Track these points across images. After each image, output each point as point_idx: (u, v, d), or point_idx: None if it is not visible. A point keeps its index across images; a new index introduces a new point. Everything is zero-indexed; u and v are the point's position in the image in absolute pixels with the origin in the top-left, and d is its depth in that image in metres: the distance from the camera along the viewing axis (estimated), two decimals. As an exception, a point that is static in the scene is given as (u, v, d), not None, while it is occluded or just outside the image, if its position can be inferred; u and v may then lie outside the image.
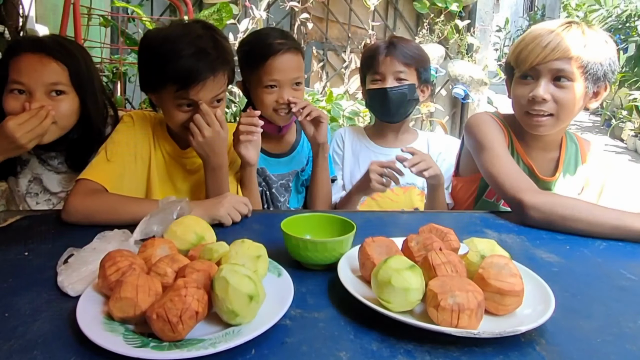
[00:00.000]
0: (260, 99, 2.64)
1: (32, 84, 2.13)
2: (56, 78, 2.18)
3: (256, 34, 2.75)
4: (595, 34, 2.27)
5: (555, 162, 2.51)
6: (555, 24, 2.29)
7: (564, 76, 2.22)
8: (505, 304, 1.22)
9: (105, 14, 5.26)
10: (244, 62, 2.74)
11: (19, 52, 2.17)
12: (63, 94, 2.20)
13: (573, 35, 2.22)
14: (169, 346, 1.08)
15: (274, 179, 2.78)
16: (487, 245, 1.44)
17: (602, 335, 1.20)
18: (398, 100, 2.94)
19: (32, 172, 2.44)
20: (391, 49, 2.93)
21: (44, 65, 2.16)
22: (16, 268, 1.52)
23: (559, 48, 2.19)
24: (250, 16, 7.12)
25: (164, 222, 1.64)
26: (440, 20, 7.57)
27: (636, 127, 10.28)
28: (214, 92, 2.19)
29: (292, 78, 2.62)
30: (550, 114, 2.28)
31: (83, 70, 2.27)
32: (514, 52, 2.37)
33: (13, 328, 1.17)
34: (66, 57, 2.22)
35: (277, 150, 2.86)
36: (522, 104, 2.34)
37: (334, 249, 1.51)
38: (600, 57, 2.23)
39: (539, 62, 2.23)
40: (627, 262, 1.67)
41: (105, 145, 2.24)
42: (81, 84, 2.26)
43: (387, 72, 2.92)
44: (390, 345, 1.13)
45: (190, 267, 1.26)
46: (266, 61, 2.56)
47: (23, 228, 1.88)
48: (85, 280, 1.36)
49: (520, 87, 2.35)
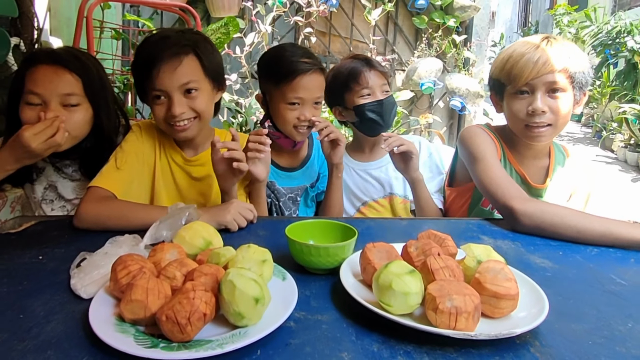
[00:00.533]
0: (282, 115, 2.61)
1: (47, 94, 2.14)
2: (70, 89, 2.19)
3: (281, 50, 2.71)
4: (573, 46, 2.35)
5: (546, 169, 2.53)
6: (536, 40, 2.34)
7: (558, 87, 2.26)
8: (501, 307, 1.22)
9: (116, 27, 5.26)
10: (267, 76, 2.69)
11: (35, 64, 2.18)
12: (77, 105, 2.21)
13: (557, 48, 2.28)
14: (178, 347, 1.08)
15: (282, 191, 2.76)
16: (484, 250, 1.44)
17: (593, 337, 1.20)
18: (391, 109, 3.00)
19: (47, 180, 2.44)
20: (370, 64, 2.98)
21: (58, 76, 2.17)
22: (31, 271, 1.52)
23: (549, 62, 2.24)
24: (256, 30, 7.13)
25: (173, 228, 1.64)
26: (438, 35, 7.59)
27: (626, 138, 10.29)
28: (178, 78, 2.17)
29: (315, 97, 2.60)
30: (549, 124, 2.31)
31: (96, 81, 2.28)
32: (503, 69, 2.40)
33: (28, 329, 1.17)
34: (80, 69, 2.23)
35: (289, 165, 2.84)
36: (521, 118, 2.35)
37: (337, 254, 1.51)
38: (582, 66, 2.30)
39: (534, 77, 2.26)
40: (618, 267, 1.67)
41: (115, 154, 2.25)
42: (94, 94, 2.27)
43: (375, 86, 2.94)
44: (390, 347, 1.13)
45: (198, 271, 1.26)
46: (294, 79, 2.53)
47: (37, 233, 1.88)
48: (97, 283, 1.37)
49: (517, 102, 2.36)
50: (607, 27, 11.82)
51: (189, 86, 2.19)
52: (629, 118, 9.76)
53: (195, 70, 2.21)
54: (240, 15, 7.43)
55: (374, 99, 2.94)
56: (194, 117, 2.23)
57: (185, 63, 2.18)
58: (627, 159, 9.96)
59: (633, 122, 9.74)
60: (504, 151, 2.53)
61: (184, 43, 2.19)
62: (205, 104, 2.26)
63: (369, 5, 7.42)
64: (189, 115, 2.21)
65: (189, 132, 2.24)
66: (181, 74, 2.16)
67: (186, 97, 2.20)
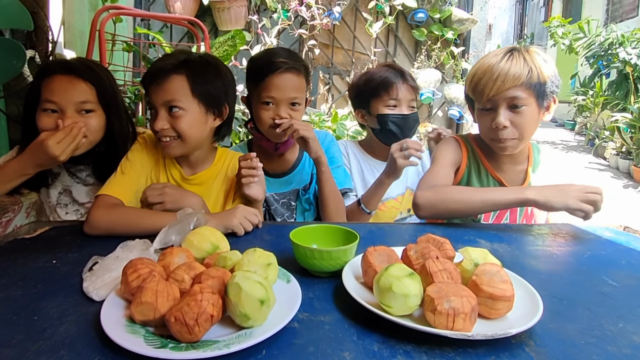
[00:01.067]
0: (258, 115, 2.60)
1: (63, 102, 2.18)
2: (85, 97, 2.23)
3: (265, 52, 2.70)
4: (536, 57, 2.33)
5: (524, 173, 2.54)
6: (500, 54, 2.34)
7: (518, 102, 2.26)
8: (497, 309, 1.22)
9: (128, 40, 5.26)
10: (248, 77, 2.71)
11: (51, 74, 2.21)
12: (91, 111, 2.25)
13: (517, 63, 2.27)
14: (186, 347, 1.08)
15: (272, 199, 2.76)
16: (480, 254, 1.44)
17: (586, 337, 1.20)
18: (412, 125, 3.03)
19: (62, 184, 2.47)
20: (403, 77, 2.98)
21: (73, 85, 2.21)
22: (45, 275, 1.52)
23: (507, 78, 2.24)
24: (262, 42, 7.16)
25: (181, 233, 1.64)
26: (437, 47, 7.63)
27: (617, 146, 10.29)
28: (163, 96, 2.17)
29: (288, 97, 2.55)
30: (513, 138, 2.32)
31: (108, 89, 2.31)
32: (470, 85, 2.42)
33: (42, 330, 1.17)
34: (93, 78, 2.26)
35: (277, 170, 2.82)
36: (488, 132, 2.39)
37: (339, 257, 1.51)
38: (544, 77, 2.28)
39: (494, 94, 2.27)
40: (609, 270, 1.67)
41: (121, 164, 2.26)
42: (107, 101, 2.31)
43: (403, 100, 2.96)
44: (390, 347, 1.13)
45: (205, 274, 1.26)
46: (265, 77, 2.53)
47: (51, 238, 1.89)
48: (108, 286, 1.37)
49: (482, 118, 2.40)
50: (600, 38, 11.80)
51: (172, 104, 2.17)
52: (621, 126, 9.77)
53: (181, 90, 2.19)
54: (246, 28, 7.46)
55: (399, 112, 2.97)
56: (176, 137, 2.21)
57: (173, 81, 2.18)
58: (619, 166, 9.96)
59: (625, 130, 9.75)
60: (476, 159, 2.56)
61: (177, 62, 2.20)
62: (189, 125, 2.21)
63: (370, 19, 7.48)
64: (170, 133, 2.20)
65: (171, 150, 2.23)
66: (166, 91, 2.17)
67: (170, 114, 2.18)
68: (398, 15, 7.65)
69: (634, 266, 1.73)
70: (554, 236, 2.10)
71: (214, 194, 2.43)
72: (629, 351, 1.14)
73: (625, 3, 14.66)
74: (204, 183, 2.40)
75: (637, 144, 9.15)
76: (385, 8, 7.40)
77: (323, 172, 2.60)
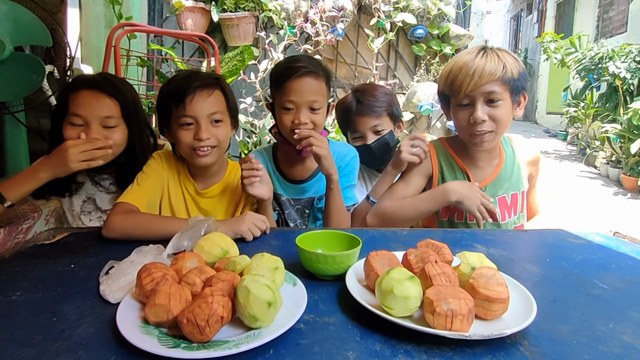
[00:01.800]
0: (280, 120, 2.57)
1: (89, 116, 2.23)
2: (109, 112, 2.27)
3: (286, 59, 2.68)
4: (506, 54, 2.35)
5: (497, 166, 2.56)
6: (473, 52, 2.36)
7: (494, 96, 2.29)
8: (493, 310, 1.22)
9: (142, 55, 5.28)
10: (271, 83, 2.67)
11: (77, 89, 2.26)
12: (115, 126, 2.29)
13: (491, 59, 2.29)
14: (198, 347, 1.08)
15: (288, 203, 2.74)
16: (477, 258, 1.44)
17: (578, 337, 1.20)
18: (382, 150, 3.00)
19: (86, 193, 2.50)
20: (360, 107, 2.99)
21: (98, 100, 2.26)
22: (63, 279, 1.52)
23: (484, 73, 2.26)
24: (269, 57, 7.18)
25: (193, 238, 1.65)
26: (435, 61, 7.64)
27: (607, 155, 10.28)
28: (208, 108, 2.23)
29: (307, 101, 2.50)
30: (490, 130, 2.35)
31: (131, 104, 2.36)
32: (446, 82, 2.42)
33: (61, 331, 1.18)
34: (117, 93, 2.31)
35: (297, 176, 2.78)
36: (465, 127, 2.40)
37: (343, 261, 1.51)
38: (515, 72, 2.31)
39: (472, 89, 2.28)
40: (600, 273, 1.67)
41: (138, 176, 2.29)
42: (130, 116, 2.35)
43: (364, 130, 2.99)
44: (391, 346, 1.13)
45: (216, 278, 1.27)
46: (284, 83, 2.50)
47: (70, 244, 1.89)
48: (124, 289, 1.37)
49: (460, 113, 2.41)
50: (591, 53, 11.81)
51: (216, 116, 2.25)
52: (611, 137, 9.76)
53: (221, 103, 2.28)
54: (254, 44, 7.48)
55: (364, 143, 3.01)
56: (215, 146, 2.26)
57: (215, 95, 2.26)
58: (609, 174, 9.96)
59: (614, 140, 9.74)
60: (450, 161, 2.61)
61: (213, 79, 2.27)
62: (225, 135, 2.31)
63: (372, 35, 7.49)
64: (212, 143, 2.24)
65: (209, 158, 2.26)
66: (211, 104, 2.24)
67: (212, 125, 2.24)
68: (398, 32, 7.66)
69: (623, 270, 1.73)
70: (547, 241, 2.10)
71: (225, 206, 2.46)
72: (619, 351, 1.14)
73: (615, 19, 14.66)
74: (215, 196, 2.42)
75: (626, 154, 9.13)
76: (386, 24, 7.41)
77: (332, 190, 2.54)
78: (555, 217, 2.41)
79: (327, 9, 7.29)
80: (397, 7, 7.43)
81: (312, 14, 7.30)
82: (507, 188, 2.54)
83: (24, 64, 3.28)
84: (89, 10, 4.97)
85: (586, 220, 7.25)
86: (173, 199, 2.38)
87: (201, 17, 7.41)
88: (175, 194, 2.39)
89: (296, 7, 7.40)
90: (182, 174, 2.41)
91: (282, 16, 7.38)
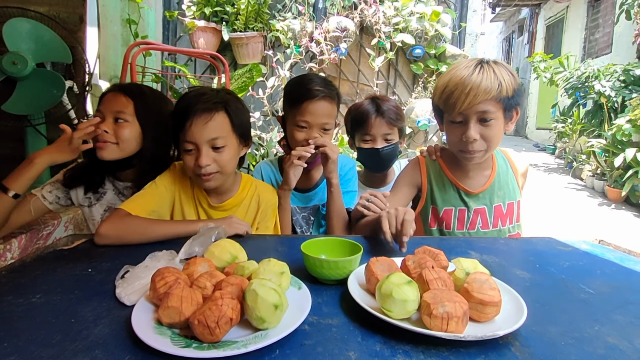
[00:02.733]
0: (292, 135, 2.59)
1: (105, 111, 2.31)
2: (121, 107, 2.31)
3: (302, 77, 2.64)
4: (503, 70, 2.23)
5: (488, 177, 2.49)
6: (471, 66, 2.23)
7: (487, 116, 2.19)
8: (486, 313, 1.22)
9: (156, 72, 5.29)
10: (285, 99, 2.69)
11: (107, 92, 2.37)
12: (125, 121, 2.31)
13: (487, 76, 2.17)
14: (208, 347, 1.08)
15: (297, 210, 2.75)
16: (471, 264, 1.44)
17: (566, 338, 1.20)
18: (388, 157, 2.98)
19: (107, 203, 2.51)
20: (379, 112, 2.91)
21: (115, 97, 2.33)
22: (81, 282, 1.52)
23: (479, 92, 2.14)
24: (276, 75, 7.21)
25: (204, 244, 1.65)
26: (432, 79, 7.68)
27: (593, 168, 10.29)
28: (208, 134, 2.10)
29: (321, 123, 2.54)
30: (482, 150, 2.27)
31: (149, 106, 2.37)
32: (441, 97, 2.30)
33: (78, 331, 1.18)
34: (134, 94, 2.36)
35: (302, 186, 2.78)
36: (456, 143, 2.32)
37: (345, 267, 1.51)
38: (511, 90, 2.20)
39: (466, 107, 2.18)
40: (586, 278, 1.67)
41: (148, 184, 2.26)
42: (145, 117, 2.36)
43: (377, 134, 2.93)
44: (391, 347, 1.13)
45: (225, 281, 1.27)
46: (302, 104, 2.51)
47: (87, 249, 1.89)
48: (138, 292, 1.37)
49: (452, 130, 2.32)
50: (578, 72, 11.82)
51: (217, 142, 2.12)
52: (596, 151, 9.77)
53: (224, 126, 2.15)
54: (262, 62, 7.55)
55: (373, 146, 2.94)
56: (217, 171, 2.17)
57: (216, 119, 2.11)
58: (595, 186, 9.98)
59: (599, 154, 9.75)
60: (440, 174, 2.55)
61: (216, 100, 2.14)
62: (229, 159, 2.18)
63: (373, 54, 7.53)
64: (213, 169, 2.14)
65: (212, 182, 2.19)
66: (211, 129, 2.10)
67: (214, 150, 2.13)
68: (398, 51, 7.69)
69: (608, 275, 1.73)
70: (536, 248, 2.10)
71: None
72: (604, 351, 1.14)
73: (600, 41, 14.68)
74: (229, 210, 2.35)
75: (610, 167, 9.14)
76: (387, 44, 7.43)
77: (332, 192, 2.58)
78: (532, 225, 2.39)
79: (331, 30, 7.33)
80: (396, 28, 7.46)
81: (317, 34, 7.35)
82: (503, 197, 2.47)
83: (45, 79, 3.30)
84: (107, 30, 4.99)
85: (573, 229, 7.25)
86: (186, 210, 2.33)
87: (212, 37, 7.47)
88: (188, 206, 2.34)
89: (302, 28, 7.44)
90: (196, 187, 2.35)
91: (288, 36, 7.43)
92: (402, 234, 1.85)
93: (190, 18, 7.54)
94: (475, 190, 2.46)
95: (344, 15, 7.61)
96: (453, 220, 2.45)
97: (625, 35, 12.45)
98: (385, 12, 7.47)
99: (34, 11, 3.36)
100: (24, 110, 3.33)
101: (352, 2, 7.70)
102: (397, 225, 1.88)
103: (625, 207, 8.60)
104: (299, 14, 7.71)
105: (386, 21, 7.47)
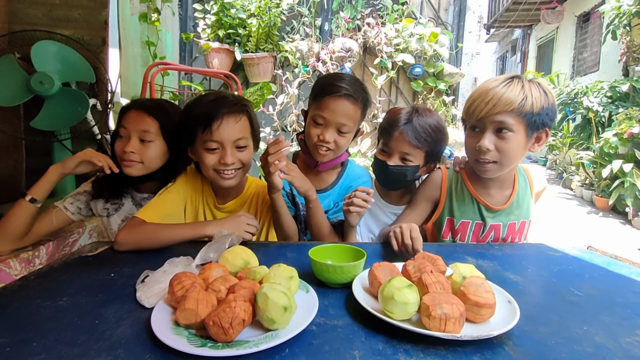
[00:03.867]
0: (308, 129, 2.41)
1: (131, 129, 2.27)
2: (146, 127, 2.27)
3: (334, 73, 2.46)
4: (535, 87, 2.09)
5: (509, 197, 2.35)
6: (501, 79, 2.12)
7: (505, 127, 2.06)
8: (481, 314, 1.22)
9: (174, 90, 5.33)
10: (311, 92, 2.46)
11: (129, 109, 2.32)
12: (151, 141, 2.29)
13: (513, 89, 2.05)
14: (222, 346, 1.09)
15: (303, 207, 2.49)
16: (468, 268, 1.45)
17: (556, 338, 1.20)
18: (397, 177, 2.47)
19: (125, 213, 2.48)
20: (405, 127, 2.38)
21: (140, 117, 2.28)
22: (104, 286, 1.53)
23: (499, 103, 2.03)
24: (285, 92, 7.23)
25: (218, 251, 1.65)
26: (431, 96, 7.69)
27: (582, 179, 10.27)
28: (234, 134, 2.10)
29: (337, 122, 2.30)
30: (494, 161, 2.14)
31: (173, 123, 2.30)
32: (465, 105, 2.22)
33: (102, 332, 1.18)
34: (158, 113, 2.32)
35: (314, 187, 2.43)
36: (472, 152, 2.21)
37: (350, 271, 1.52)
38: (538, 107, 2.05)
39: (483, 116, 2.08)
40: (575, 282, 1.67)
41: (161, 191, 2.26)
42: (170, 134, 2.33)
43: (394, 149, 2.43)
44: (392, 346, 1.13)
45: (238, 285, 1.28)
46: (322, 98, 2.32)
47: (110, 255, 1.89)
48: (157, 295, 1.38)
49: (469, 138, 2.22)
50: (567, 89, 11.83)
51: (241, 142, 2.13)
52: (585, 163, 9.77)
53: (246, 128, 2.16)
54: (272, 80, 7.57)
55: (385, 159, 2.46)
56: (239, 168, 2.18)
57: (242, 121, 2.12)
58: (583, 195, 9.96)
59: (588, 166, 9.74)
60: (461, 187, 2.40)
61: (242, 104, 2.16)
62: (249, 158, 2.20)
63: (375, 73, 7.56)
64: (237, 166, 2.16)
65: (233, 180, 2.18)
66: (237, 130, 2.10)
67: (237, 150, 2.14)
68: (399, 70, 7.71)
69: (595, 279, 1.73)
70: (529, 254, 2.09)
71: None
72: (592, 350, 1.15)
73: (588, 60, 14.67)
74: (232, 211, 2.33)
75: (598, 178, 9.13)
76: (388, 64, 7.46)
77: (310, 208, 2.30)
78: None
79: (336, 50, 7.36)
80: (397, 49, 7.49)
81: (323, 55, 7.37)
82: (518, 215, 2.37)
83: (70, 97, 3.31)
84: (127, 51, 5.01)
85: (563, 235, 7.22)
86: (197, 211, 2.34)
87: (226, 57, 7.49)
88: (199, 207, 2.35)
89: (309, 49, 7.47)
90: (206, 188, 2.36)
91: (297, 56, 7.46)
92: (415, 250, 1.84)
93: (205, 40, 7.59)
94: (496, 207, 2.34)
95: (349, 36, 7.66)
96: (468, 233, 2.38)
97: (611, 54, 12.42)
98: (386, 34, 7.51)
99: (59, 34, 3.38)
100: (51, 126, 3.34)
101: (356, 24, 7.75)
102: (406, 240, 1.87)
103: (612, 215, 8.59)
104: (306, 36, 7.77)
105: (388, 42, 7.50)
